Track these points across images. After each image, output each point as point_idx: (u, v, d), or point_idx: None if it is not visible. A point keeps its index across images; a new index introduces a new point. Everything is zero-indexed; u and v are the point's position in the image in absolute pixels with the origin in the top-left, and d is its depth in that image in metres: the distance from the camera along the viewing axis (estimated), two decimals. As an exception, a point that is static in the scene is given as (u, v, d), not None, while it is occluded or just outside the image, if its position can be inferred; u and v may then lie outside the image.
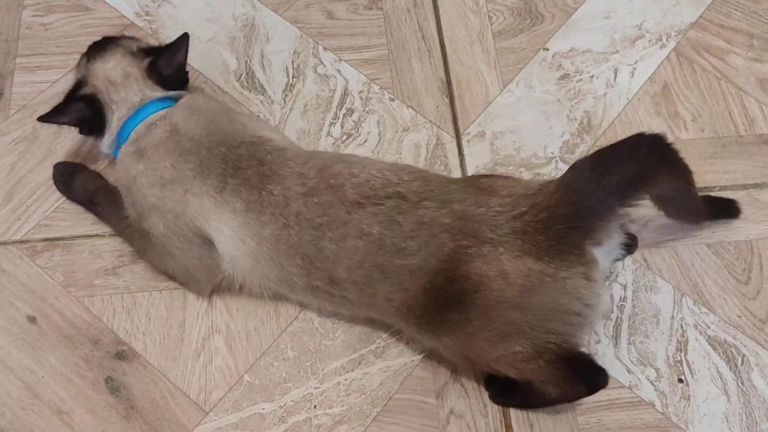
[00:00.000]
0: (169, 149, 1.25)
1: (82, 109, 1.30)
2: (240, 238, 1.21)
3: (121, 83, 1.31)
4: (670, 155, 1.11)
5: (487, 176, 1.39)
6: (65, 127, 1.41)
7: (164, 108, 1.31)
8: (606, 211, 1.05)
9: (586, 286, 1.08)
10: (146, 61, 1.33)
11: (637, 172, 1.05)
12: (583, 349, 1.17)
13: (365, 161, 1.23)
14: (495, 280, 1.07)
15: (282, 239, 1.18)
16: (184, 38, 1.33)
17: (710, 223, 1.40)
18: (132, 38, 1.42)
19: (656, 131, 1.13)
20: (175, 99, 1.34)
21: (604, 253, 1.11)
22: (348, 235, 1.14)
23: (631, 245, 1.33)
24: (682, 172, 1.15)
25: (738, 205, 1.40)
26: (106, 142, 1.35)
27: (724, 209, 1.40)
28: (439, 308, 1.12)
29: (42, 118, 1.30)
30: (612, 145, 1.09)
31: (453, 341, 1.15)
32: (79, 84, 1.34)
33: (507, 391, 1.25)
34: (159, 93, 1.32)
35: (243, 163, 1.22)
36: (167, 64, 1.33)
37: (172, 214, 1.24)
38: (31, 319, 1.33)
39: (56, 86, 1.54)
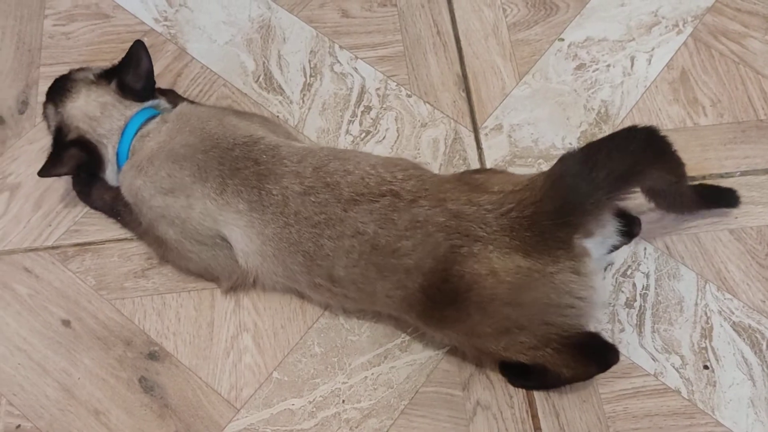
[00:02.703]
0: (162, 159, 1.26)
1: (77, 154, 1.31)
2: (248, 236, 1.23)
3: (102, 114, 1.32)
4: (663, 148, 1.08)
5: (480, 171, 1.39)
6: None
7: (150, 118, 1.33)
8: (593, 206, 1.04)
9: (576, 280, 1.07)
10: (113, 84, 1.34)
11: (626, 166, 1.03)
12: (590, 329, 1.17)
13: (359, 157, 1.24)
14: (486, 278, 1.07)
15: (284, 237, 1.20)
16: (139, 46, 1.33)
17: (707, 212, 1.38)
18: (82, 69, 1.41)
19: (649, 124, 1.09)
20: (156, 108, 1.36)
21: (597, 243, 1.10)
22: (344, 234, 1.15)
23: (632, 228, 1.28)
24: (675, 165, 1.12)
25: (737, 194, 1.35)
26: (110, 175, 1.36)
27: (722, 198, 1.36)
28: (436, 305, 1.13)
29: (42, 173, 1.30)
30: (603, 138, 1.07)
31: (458, 334, 1.17)
32: (59, 131, 1.34)
33: (523, 373, 1.25)
34: (138, 107, 1.34)
35: (240, 163, 1.23)
36: (136, 78, 1.34)
37: (179, 221, 1.27)
38: (66, 323, 1.36)
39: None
